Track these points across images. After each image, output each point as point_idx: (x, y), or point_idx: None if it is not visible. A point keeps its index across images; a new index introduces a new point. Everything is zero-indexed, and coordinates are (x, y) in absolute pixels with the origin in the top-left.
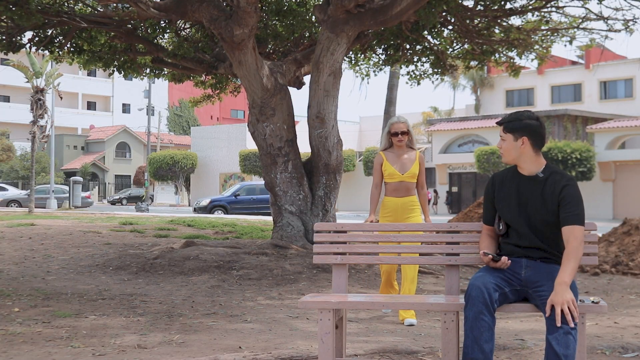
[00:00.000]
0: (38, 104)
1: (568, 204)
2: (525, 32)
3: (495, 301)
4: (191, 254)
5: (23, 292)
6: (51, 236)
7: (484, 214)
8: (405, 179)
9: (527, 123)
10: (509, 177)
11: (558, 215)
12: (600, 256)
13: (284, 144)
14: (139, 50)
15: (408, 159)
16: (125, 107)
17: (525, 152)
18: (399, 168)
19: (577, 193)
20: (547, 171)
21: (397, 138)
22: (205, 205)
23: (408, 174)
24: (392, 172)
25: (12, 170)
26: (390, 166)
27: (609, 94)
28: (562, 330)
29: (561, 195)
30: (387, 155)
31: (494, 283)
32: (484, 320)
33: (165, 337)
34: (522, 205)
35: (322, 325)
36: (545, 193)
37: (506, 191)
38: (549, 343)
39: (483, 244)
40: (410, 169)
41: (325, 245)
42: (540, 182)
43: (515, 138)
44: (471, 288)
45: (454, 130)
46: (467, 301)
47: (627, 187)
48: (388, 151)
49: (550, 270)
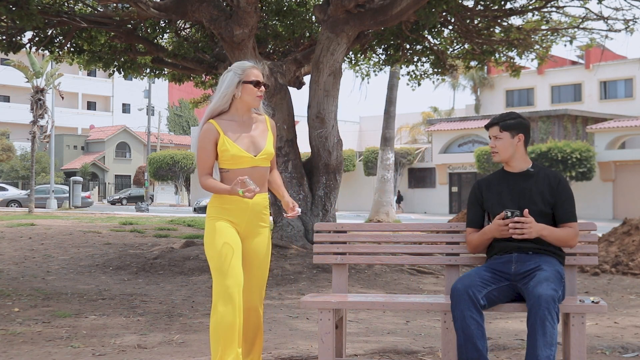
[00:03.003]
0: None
1: (565, 201)
2: (525, 32)
3: (482, 298)
4: (191, 254)
5: (23, 292)
6: (51, 236)
7: (470, 218)
8: (260, 163)
9: (522, 121)
10: (496, 179)
11: (552, 208)
12: (600, 256)
13: (284, 144)
14: (139, 50)
15: (258, 129)
16: (125, 107)
17: (519, 149)
18: (246, 146)
19: (571, 190)
20: (535, 167)
21: (258, 90)
22: (205, 205)
23: (262, 155)
24: (237, 153)
25: (12, 170)
26: (233, 143)
27: (609, 94)
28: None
29: (558, 190)
30: (224, 126)
31: (479, 281)
32: (472, 319)
33: (165, 337)
34: (516, 200)
35: (322, 325)
36: (540, 185)
37: (495, 190)
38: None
39: (472, 237)
40: (264, 146)
41: (325, 245)
42: (533, 176)
43: (512, 135)
44: (453, 290)
45: (454, 130)
46: (453, 301)
47: (627, 187)
48: (224, 119)
49: (540, 262)
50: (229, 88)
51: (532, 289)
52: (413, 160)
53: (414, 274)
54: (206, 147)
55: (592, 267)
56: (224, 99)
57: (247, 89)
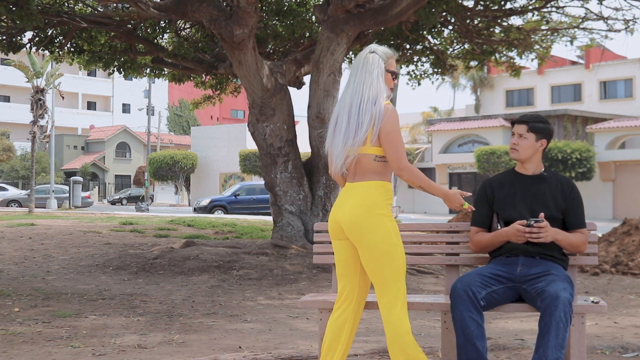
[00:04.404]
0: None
1: (577, 207)
2: (525, 32)
3: (482, 299)
4: (191, 254)
5: (23, 292)
6: (51, 236)
7: (477, 217)
8: None
9: (549, 128)
10: (507, 179)
11: (562, 213)
12: (600, 256)
13: (284, 144)
14: (139, 50)
15: None
16: (125, 107)
17: (538, 154)
18: None
19: (581, 197)
20: (548, 172)
21: (393, 82)
22: (205, 205)
23: None
24: None
25: (12, 170)
26: None
27: (609, 94)
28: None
29: (571, 196)
30: None
31: (479, 281)
32: (472, 319)
33: (165, 337)
34: (529, 203)
35: (322, 325)
36: (553, 190)
37: (508, 191)
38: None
39: (481, 236)
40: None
41: (325, 245)
42: (546, 180)
43: (537, 139)
44: (453, 290)
45: (454, 130)
46: (453, 301)
47: (627, 187)
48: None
49: (548, 267)
50: (381, 70)
51: (549, 290)
52: (413, 160)
53: (414, 274)
54: (400, 132)
55: (592, 267)
56: (386, 83)
57: (387, 78)
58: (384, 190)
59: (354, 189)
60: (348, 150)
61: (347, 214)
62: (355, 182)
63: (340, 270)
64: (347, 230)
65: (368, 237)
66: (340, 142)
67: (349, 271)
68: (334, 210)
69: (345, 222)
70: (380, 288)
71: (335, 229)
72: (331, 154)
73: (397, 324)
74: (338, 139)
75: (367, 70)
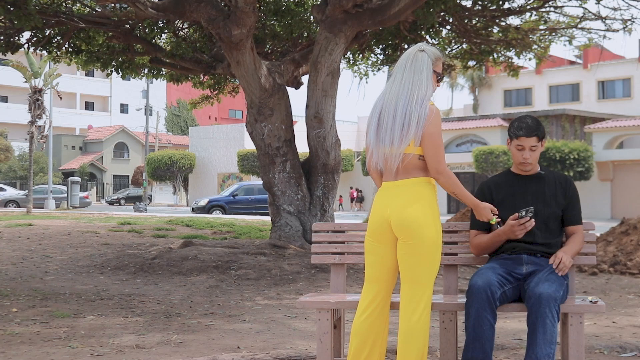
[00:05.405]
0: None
1: (576, 203)
2: (523, 32)
3: (497, 299)
4: (189, 254)
5: (21, 293)
6: (49, 236)
7: (475, 220)
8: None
9: (543, 126)
10: (504, 181)
11: (562, 210)
12: (599, 256)
13: (282, 144)
14: (137, 50)
15: None
16: (123, 107)
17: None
18: None
19: (578, 193)
20: (545, 170)
21: (438, 83)
22: (204, 205)
23: None
24: None
25: (10, 171)
26: None
27: (607, 93)
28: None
29: (569, 193)
30: None
31: (496, 280)
32: (486, 319)
33: (164, 337)
34: (530, 202)
35: (321, 325)
36: (552, 188)
37: (506, 192)
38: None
39: (480, 239)
40: None
41: (323, 245)
42: (544, 178)
43: (542, 143)
44: (474, 285)
45: (452, 130)
46: (470, 298)
47: (625, 186)
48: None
49: (550, 268)
50: (430, 71)
51: (533, 288)
52: None
53: None
54: (442, 134)
55: (590, 267)
56: (433, 83)
57: (432, 78)
58: (432, 186)
59: (400, 187)
60: (395, 149)
61: (399, 211)
62: (398, 180)
63: (375, 273)
64: (398, 227)
65: (424, 232)
66: (387, 141)
67: (383, 275)
68: (377, 210)
69: (398, 219)
70: (409, 285)
71: (380, 230)
72: (373, 151)
73: (416, 327)
74: (384, 137)
75: (416, 69)
